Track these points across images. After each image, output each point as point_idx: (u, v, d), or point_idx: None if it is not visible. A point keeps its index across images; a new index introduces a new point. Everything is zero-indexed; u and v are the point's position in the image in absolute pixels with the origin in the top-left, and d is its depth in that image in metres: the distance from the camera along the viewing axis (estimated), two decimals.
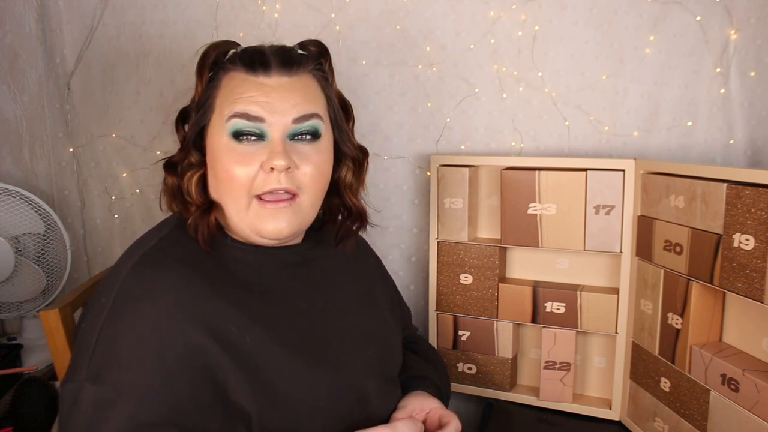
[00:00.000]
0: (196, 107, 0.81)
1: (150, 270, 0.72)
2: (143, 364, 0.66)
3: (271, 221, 0.76)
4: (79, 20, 1.37)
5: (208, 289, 0.72)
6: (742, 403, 0.84)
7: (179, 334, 0.68)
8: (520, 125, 1.24)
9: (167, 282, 0.70)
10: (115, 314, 0.68)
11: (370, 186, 1.33)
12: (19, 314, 1.31)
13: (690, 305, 0.93)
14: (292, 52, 0.81)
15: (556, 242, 1.12)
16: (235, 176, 0.75)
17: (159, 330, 0.67)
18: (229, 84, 0.78)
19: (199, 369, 0.68)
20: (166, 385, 0.66)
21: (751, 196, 0.82)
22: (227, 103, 0.77)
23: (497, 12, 1.21)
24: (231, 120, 0.76)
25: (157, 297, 0.69)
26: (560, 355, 1.15)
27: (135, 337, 0.67)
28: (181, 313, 0.69)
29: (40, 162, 1.42)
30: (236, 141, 0.76)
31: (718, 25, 1.11)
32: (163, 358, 0.67)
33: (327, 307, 0.84)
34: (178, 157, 0.81)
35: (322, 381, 0.75)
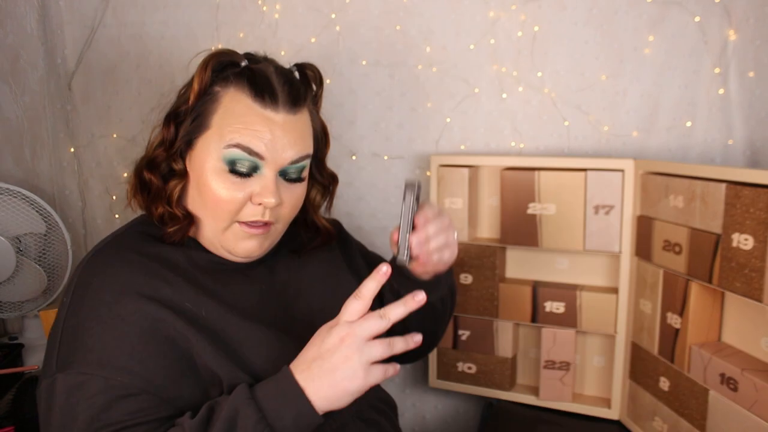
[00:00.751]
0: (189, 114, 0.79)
1: (102, 259, 0.76)
2: (107, 344, 0.69)
3: (245, 243, 0.80)
4: (80, 21, 1.37)
5: (162, 271, 0.76)
6: (740, 402, 0.84)
7: (136, 311, 0.71)
8: (520, 125, 1.24)
9: (118, 266, 0.74)
10: (75, 305, 0.73)
11: (370, 186, 1.34)
12: (21, 314, 1.32)
13: (689, 305, 0.93)
14: (298, 87, 0.81)
15: (556, 242, 1.13)
16: (223, 202, 0.77)
17: (116, 310, 0.71)
18: (232, 106, 0.77)
19: (164, 339, 0.71)
20: (133, 359, 0.69)
21: (750, 196, 0.82)
22: (229, 128, 0.76)
23: (497, 12, 1.21)
24: (231, 149, 0.76)
25: (111, 281, 0.73)
26: (560, 355, 1.15)
27: (95, 321, 0.71)
28: (134, 291, 0.72)
29: (41, 162, 1.42)
30: (228, 168, 0.76)
31: (717, 26, 1.11)
32: (125, 334, 0.70)
33: (285, 289, 0.86)
34: (160, 158, 0.81)
35: (285, 349, 0.75)
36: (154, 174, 0.81)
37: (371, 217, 1.35)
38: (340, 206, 1.35)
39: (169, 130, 0.80)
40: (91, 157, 1.44)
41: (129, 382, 0.68)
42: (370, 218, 1.35)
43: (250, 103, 0.77)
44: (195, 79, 0.79)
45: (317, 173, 0.91)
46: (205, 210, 0.79)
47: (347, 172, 1.34)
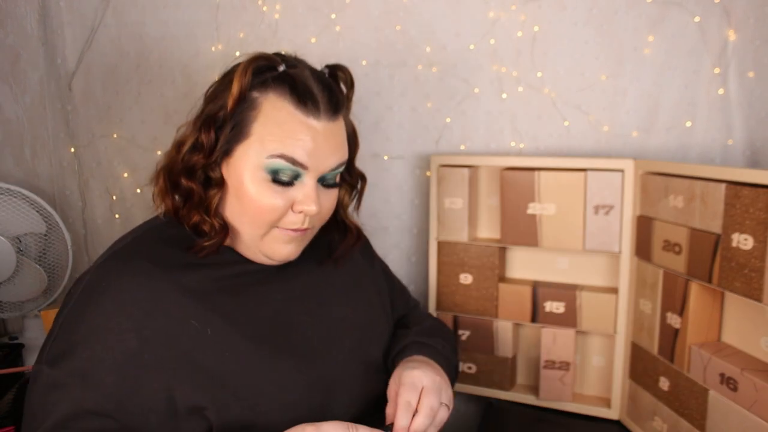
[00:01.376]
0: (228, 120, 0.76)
1: (115, 264, 0.74)
2: (95, 356, 0.69)
3: (284, 248, 0.80)
4: (80, 21, 1.37)
5: (173, 285, 0.73)
6: (740, 402, 0.84)
7: (131, 331, 0.70)
8: (520, 125, 1.24)
9: (129, 277, 0.72)
10: (79, 304, 0.72)
11: (370, 186, 1.33)
12: (21, 314, 1.32)
13: (689, 305, 0.93)
14: (337, 93, 0.80)
15: (556, 242, 1.13)
16: (265, 212, 0.76)
17: (112, 326, 0.70)
18: (274, 114, 0.75)
19: (149, 365, 0.70)
20: (115, 380, 0.69)
21: (750, 196, 0.82)
22: (271, 137, 0.74)
23: (497, 12, 1.21)
24: (275, 159, 0.74)
25: (116, 292, 0.71)
26: (560, 355, 1.15)
27: (91, 328, 0.70)
28: (136, 309, 0.71)
29: (41, 162, 1.42)
30: (271, 177, 0.75)
31: (717, 26, 1.12)
32: (114, 353, 0.69)
33: (304, 297, 0.84)
34: (198, 164, 0.77)
35: (288, 373, 0.76)
36: (193, 181, 0.77)
37: (371, 217, 1.35)
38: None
39: (209, 136, 0.76)
40: (91, 157, 1.44)
41: (102, 403, 0.68)
42: (370, 218, 1.35)
43: (292, 111, 0.75)
44: (234, 83, 0.75)
45: (346, 174, 0.90)
46: (244, 218, 0.78)
47: None
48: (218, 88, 0.78)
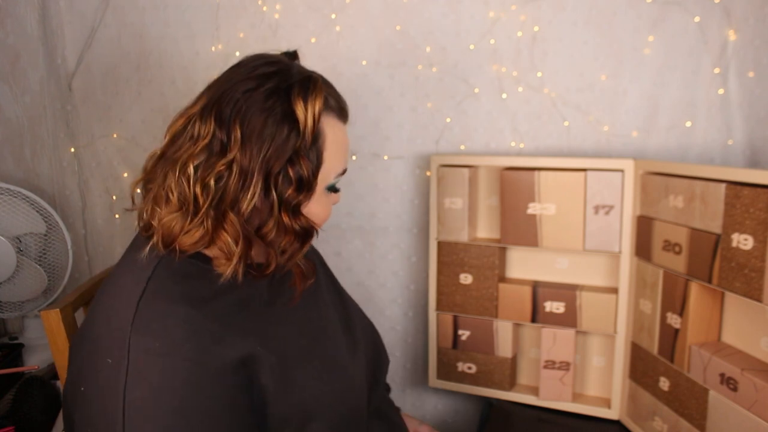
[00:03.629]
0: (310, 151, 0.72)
1: (157, 319, 0.66)
2: (191, 423, 0.64)
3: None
4: (80, 21, 1.37)
5: (215, 320, 0.69)
6: (740, 402, 0.84)
7: (213, 379, 0.66)
8: (520, 125, 1.24)
9: (183, 327, 0.66)
10: (138, 376, 0.63)
11: (371, 186, 1.34)
12: (21, 314, 1.32)
13: (689, 305, 0.93)
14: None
15: (556, 242, 1.13)
16: (326, 220, 0.78)
17: (197, 380, 0.64)
18: (333, 134, 0.74)
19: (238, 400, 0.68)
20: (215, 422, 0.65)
21: (750, 196, 0.82)
22: (337, 158, 0.75)
23: (497, 13, 1.21)
24: (339, 177, 0.78)
25: (177, 346, 0.65)
26: (560, 355, 1.15)
27: (170, 395, 0.63)
28: (205, 354, 0.66)
29: (41, 162, 1.42)
30: (328, 189, 0.77)
31: (716, 26, 1.12)
32: (209, 409, 0.65)
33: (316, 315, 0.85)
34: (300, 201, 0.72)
35: (339, 382, 0.80)
36: (303, 218, 0.73)
37: (371, 217, 1.35)
38: (341, 206, 1.35)
39: (309, 167, 0.71)
40: (91, 157, 1.44)
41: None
42: (371, 218, 1.35)
43: (338, 124, 0.76)
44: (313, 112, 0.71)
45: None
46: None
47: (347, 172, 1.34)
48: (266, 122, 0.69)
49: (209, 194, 0.68)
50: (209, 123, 0.69)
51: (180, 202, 0.69)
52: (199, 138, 0.69)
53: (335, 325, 0.88)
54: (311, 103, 0.70)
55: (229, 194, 0.68)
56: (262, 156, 0.68)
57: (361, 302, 1.41)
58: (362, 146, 1.33)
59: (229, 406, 0.66)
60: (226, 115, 0.69)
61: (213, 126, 0.69)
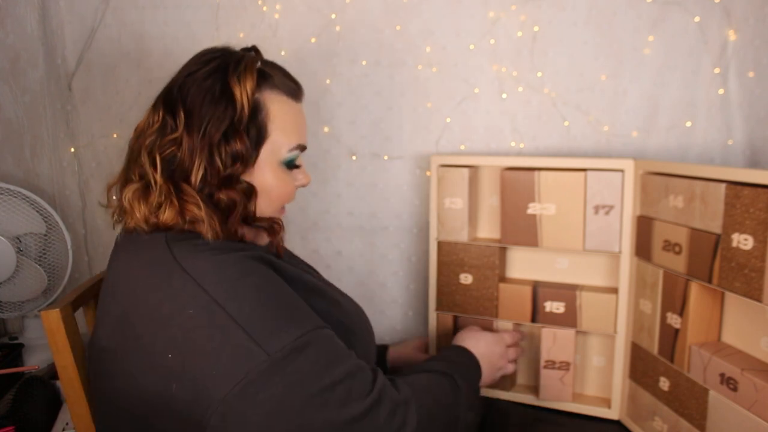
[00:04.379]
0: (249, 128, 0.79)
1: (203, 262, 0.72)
2: (295, 308, 0.74)
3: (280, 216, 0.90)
4: (80, 21, 1.37)
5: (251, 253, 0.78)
6: (740, 402, 0.84)
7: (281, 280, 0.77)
8: (520, 125, 1.25)
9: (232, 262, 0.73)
10: (234, 301, 0.69)
11: (370, 186, 1.34)
12: (21, 314, 1.32)
13: (689, 305, 0.93)
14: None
15: (556, 242, 1.13)
16: (290, 194, 0.86)
17: (268, 277, 0.75)
18: (280, 110, 0.82)
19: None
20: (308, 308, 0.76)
21: (750, 196, 0.82)
22: (285, 133, 0.83)
23: (497, 13, 1.21)
24: (294, 151, 0.84)
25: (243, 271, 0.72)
26: (560, 355, 1.15)
27: (270, 296, 0.72)
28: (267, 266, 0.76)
29: (41, 162, 1.42)
30: (287, 166, 0.84)
31: (716, 26, 1.12)
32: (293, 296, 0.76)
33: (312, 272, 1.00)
34: (232, 173, 0.78)
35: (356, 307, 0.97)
36: (235, 191, 0.79)
37: (371, 217, 1.35)
38: (341, 206, 1.35)
39: (244, 143, 0.78)
40: (91, 157, 1.44)
41: (330, 330, 0.75)
42: (370, 218, 1.35)
43: (291, 103, 0.84)
44: (247, 88, 0.78)
45: None
46: (269, 208, 0.85)
47: (347, 172, 1.34)
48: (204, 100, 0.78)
49: (162, 168, 0.76)
50: (159, 109, 0.80)
51: (141, 180, 0.78)
52: (153, 124, 0.79)
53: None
54: (244, 78, 0.78)
55: (180, 167, 0.77)
56: (203, 130, 0.76)
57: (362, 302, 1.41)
58: (362, 146, 1.33)
59: (293, 294, 0.76)
60: (172, 98, 0.79)
61: (162, 111, 0.79)
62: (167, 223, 0.75)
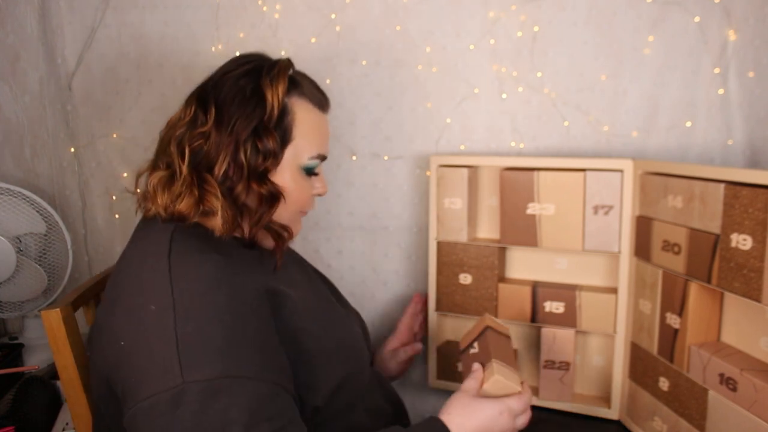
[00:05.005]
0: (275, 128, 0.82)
1: (191, 264, 0.73)
2: (241, 347, 0.69)
3: (299, 226, 0.92)
4: (80, 21, 1.37)
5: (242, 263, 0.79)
6: (740, 402, 0.84)
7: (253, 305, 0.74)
8: (520, 125, 1.24)
9: (216, 266, 0.74)
10: (185, 313, 0.68)
11: (370, 186, 1.34)
12: (21, 314, 1.32)
13: (688, 305, 0.93)
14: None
15: (555, 242, 1.13)
16: (307, 200, 0.89)
17: (238, 309, 0.72)
18: (305, 117, 0.86)
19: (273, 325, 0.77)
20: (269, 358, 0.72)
21: (749, 197, 0.82)
22: (308, 140, 0.86)
23: (497, 13, 1.21)
24: (313, 160, 0.87)
25: (217, 281, 0.72)
26: (559, 355, 1.15)
27: (219, 325, 0.69)
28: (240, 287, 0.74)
29: (41, 162, 1.42)
30: (306, 172, 0.87)
31: (716, 26, 1.11)
32: (254, 333, 0.72)
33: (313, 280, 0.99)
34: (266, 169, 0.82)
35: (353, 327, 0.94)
36: (272, 185, 0.83)
37: (371, 217, 1.35)
38: (341, 206, 1.36)
39: (275, 140, 0.82)
40: (91, 157, 1.44)
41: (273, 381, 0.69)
42: (371, 218, 1.36)
43: (317, 112, 0.88)
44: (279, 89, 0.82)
45: None
46: (286, 212, 0.86)
47: (347, 172, 1.34)
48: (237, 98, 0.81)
49: (188, 159, 0.79)
50: (192, 104, 0.83)
51: (168, 169, 0.81)
52: (184, 117, 0.82)
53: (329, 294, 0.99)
54: (276, 81, 0.82)
55: (206, 159, 0.80)
56: (231, 126, 0.79)
57: (362, 301, 1.42)
58: (362, 146, 1.33)
59: (269, 332, 0.74)
60: (206, 94, 0.83)
61: (194, 105, 0.82)
62: (182, 212, 0.78)
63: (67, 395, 0.87)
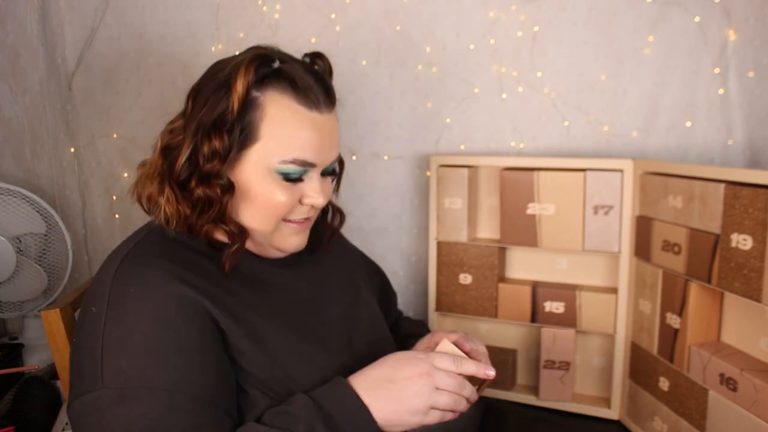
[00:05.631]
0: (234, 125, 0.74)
1: (136, 268, 0.71)
2: (162, 357, 0.66)
3: (294, 239, 0.81)
4: (80, 21, 1.37)
5: (190, 271, 0.72)
6: (740, 402, 0.84)
7: (188, 316, 0.69)
8: (520, 125, 1.24)
9: (156, 273, 0.70)
10: (115, 317, 0.68)
11: (370, 186, 1.34)
12: (21, 314, 1.32)
13: (688, 305, 0.93)
14: (328, 82, 0.80)
15: (555, 242, 1.13)
16: (278, 206, 0.76)
17: (167, 319, 0.68)
18: (279, 114, 0.74)
19: (217, 340, 0.71)
20: (193, 369, 0.67)
21: (749, 197, 0.82)
22: (282, 141, 0.74)
23: (497, 13, 1.21)
24: (288, 165, 0.74)
25: (153, 288, 0.69)
26: (559, 355, 1.15)
27: (144, 332, 0.67)
28: (177, 297, 0.69)
29: (41, 162, 1.42)
30: (282, 177, 0.75)
31: (716, 26, 1.12)
32: (181, 345, 0.67)
33: (312, 297, 0.86)
34: (214, 171, 0.74)
35: (315, 359, 0.78)
36: (211, 189, 0.74)
37: (371, 217, 1.35)
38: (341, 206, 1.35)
39: (223, 141, 0.73)
40: (91, 157, 1.44)
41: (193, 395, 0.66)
42: (370, 218, 1.35)
43: (296, 108, 0.74)
44: (238, 83, 0.72)
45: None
46: (256, 218, 0.77)
47: (347, 172, 1.33)
48: (209, 88, 0.75)
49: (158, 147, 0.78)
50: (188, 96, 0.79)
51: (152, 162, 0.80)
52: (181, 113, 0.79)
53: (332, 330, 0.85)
54: (242, 71, 0.72)
55: (175, 151, 0.76)
56: (198, 119, 0.74)
57: None
58: (362, 146, 1.33)
59: (200, 346, 0.69)
60: (195, 86, 0.78)
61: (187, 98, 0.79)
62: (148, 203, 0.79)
63: (66, 395, 0.87)
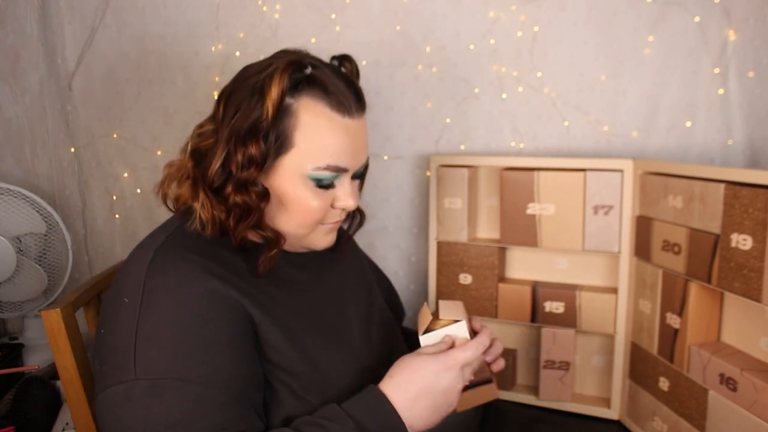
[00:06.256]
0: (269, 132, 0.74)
1: (170, 261, 0.72)
2: (195, 350, 0.67)
3: (325, 239, 0.84)
4: (80, 21, 1.37)
5: (228, 274, 0.73)
6: (740, 402, 0.84)
7: (220, 311, 0.70)
8: (520, 125, 1.24)
9: (190, 267, 0.71)
10: (149, 309, 0.68)
11: (370, 186, 1.34)
12: (21, 314, 1.32)
13: (688, 305, 0.93)
14: (358, 87, 0.80)
15: (555, 242, 1.13)
16: (313, 212, 0.78)
17: (201, 313, 0.69)
18: (313, 121, 0.74)
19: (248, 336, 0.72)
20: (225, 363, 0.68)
21: (749, 197, 0.82)
22: (316, 148, 0.74)
23: (497, 13, 1.21)
24: (322, 171, 0.75)
25: (187, 282, 0.70)
26: (559, 355, 1.15)
27: (178, 325, 0.68)
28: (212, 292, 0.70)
29: (41, 162, 1.42)
30: (315, 183, 0.76)
31: (716, 26, 1.12)
32: (213, 339, 0.68)
33: (331, 297, 0.88)
34: (251, 178, 0.74)
35: (342, 355, 0.81)
36: (248, 196, 0.74)
37: (371, 217, 1.35)
38: None
39: (260, 148, 0.73)
40: (92, 157, 1.44)
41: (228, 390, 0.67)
42: (370, 218, 1.35)
43: (329, 115, 0.75)
44: (273, 90, 0.72)
45: None
46: (291, 223, 0.79)
47: None
48: (241, 94, 0.75)
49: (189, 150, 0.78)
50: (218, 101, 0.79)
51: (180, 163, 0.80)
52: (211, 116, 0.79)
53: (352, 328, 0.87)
54: (277, 78, 0.72)
55: (207, 156, 0.76)
56: (231, 125, 0.74)
57: None
58: None
59: (231, 341, 0.70)
60: (226, 91, 0.78)
61: (217, 103, 0.78)
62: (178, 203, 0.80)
63: (67, 395, 0.87)
